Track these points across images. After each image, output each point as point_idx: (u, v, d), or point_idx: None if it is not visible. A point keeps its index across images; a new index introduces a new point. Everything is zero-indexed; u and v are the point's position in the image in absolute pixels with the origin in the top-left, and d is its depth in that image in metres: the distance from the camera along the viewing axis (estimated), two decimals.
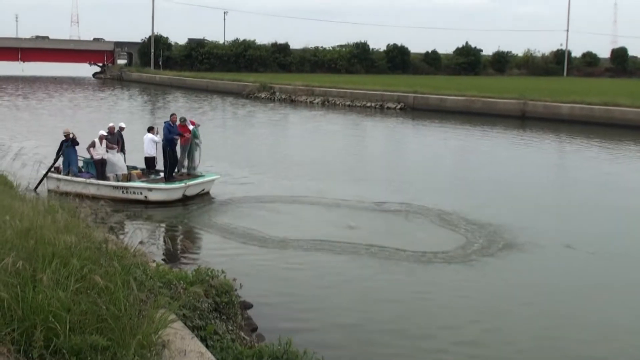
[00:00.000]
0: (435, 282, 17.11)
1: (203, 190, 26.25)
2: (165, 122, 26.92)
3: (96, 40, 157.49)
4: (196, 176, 26.62)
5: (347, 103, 75.09)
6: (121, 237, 18.05)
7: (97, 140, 25.80)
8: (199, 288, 11.57)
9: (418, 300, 15.96)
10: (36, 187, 24.21)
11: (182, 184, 25.53)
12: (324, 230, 21.42)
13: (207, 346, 10.09)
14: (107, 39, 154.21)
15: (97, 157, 25.85)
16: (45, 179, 25.43)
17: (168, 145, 26.12)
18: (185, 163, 27.03)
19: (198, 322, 11.16)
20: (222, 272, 13.56)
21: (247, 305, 14.33)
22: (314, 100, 78.59)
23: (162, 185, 25.41)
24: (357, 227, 22.01)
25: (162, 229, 22.29)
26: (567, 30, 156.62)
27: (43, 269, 8.05)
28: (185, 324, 10.23)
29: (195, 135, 27.05)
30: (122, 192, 25.10)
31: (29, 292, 7.52)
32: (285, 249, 19.57)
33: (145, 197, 25.00)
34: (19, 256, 8.12)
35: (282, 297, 15.93)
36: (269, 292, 16.01)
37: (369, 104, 73.45)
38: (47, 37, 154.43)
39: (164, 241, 20.23)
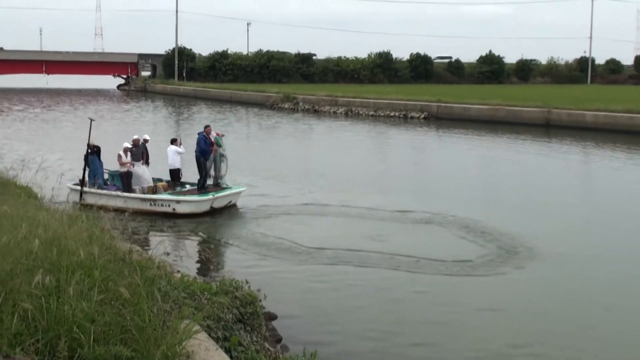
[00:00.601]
0: (461, 296, 16.87)
1: (230, 202, 26.22)
2: (199, 134, 26.96)
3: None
4: (223, 188, 26.61)
5: (371, 113, 75.01)
6: (146, 248, 18.11)
7: (122, 153, 25.89)
8: (224, 299, 11.54)
9: (444, 314, 15.67)
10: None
11: (210, 196, 25.49)
12: (349, 241, 21.31)
13: (231, 357, 10.07)
14: (131, 51, 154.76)
15: (122, 169, 25.96)
16: (71, 191, 25.53)
17: (202, 157, 26.17)
18: (212, 174, 27.01)
19: (222, 333, 11.12)
20: (247, 282, 13.52)
21: (271, 316, 14.27)
22: (338, 110, 78.62)
23: (190, 198, 25.39)
24: (382, 238, 21.88)
25: (188, 240, 22.26)
26: (590, 38, 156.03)
27: (67, 279, 8.06)
28: (209, 335, 10.20)
29: (218, 144, 27.03)
30: (150, 204, 25.13)
31: (53, 302, 7.53)
32: (310, 260, 19.50)
33: (174, 209, 24.99)
34: (44, 267, 8.16)
35: (307, 308, 15.87)
36: (293, 303, 15.96)
37: (392, 114, 73.29)
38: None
39: (189, 252, 20.24)
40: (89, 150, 25.74)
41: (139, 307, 7.94)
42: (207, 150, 26.32)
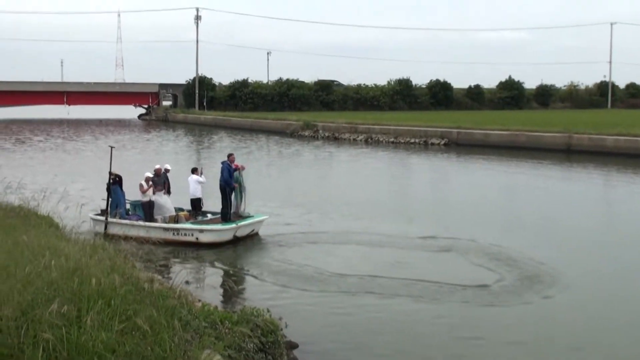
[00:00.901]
0: (486, 326, 16.54)
1: (253, 230, 26.14)
2: (223, 163, 26.76)
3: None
4: (246, 217, 26.51)
5: (391, 140, 75.01)
6: (168, 277, 18.09)
7: (143, 183, 25.92)
8: (245, 328, 11.48)
9: (468, 347, 15.29)
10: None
11: (233, 225, 25.41)
12: (371, 269, 21.15)
13: None
14: (151, 81, 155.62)
15: (144, 199, 25.97)
16: (93, 221, 25.59)
17: (226, 186, 26.04)
18: (234, 206, 26.82)
19: None
20: (268, 311, 13.45)
21: (293, 345, 14.16)
22: (358, 137, 78.71)
23: (213, 227, 25.32)
24: (404, 265, 21.71)
25: (209, 269, 22.21)
26: (610, 62, 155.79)
27: (87, 309, 8.04)
28: None
29: (236, 181, 26.82)
30: (173, 234, 25.06)
31: (74, 332, 7.51)
32: (332, 288, 19.32)
33: (197, 238, 24.92)
34: (64, 296, 8.14)
35: (329, 337, 15.71)
36: (315, 332, 15.81)
37: (412, 141, 73.24)
38: None
39: (211, 281, 20.24)
40: (111, 180, 25.78)
41: (159, 337, 7.90)
42: (230, 180, 26.18)
